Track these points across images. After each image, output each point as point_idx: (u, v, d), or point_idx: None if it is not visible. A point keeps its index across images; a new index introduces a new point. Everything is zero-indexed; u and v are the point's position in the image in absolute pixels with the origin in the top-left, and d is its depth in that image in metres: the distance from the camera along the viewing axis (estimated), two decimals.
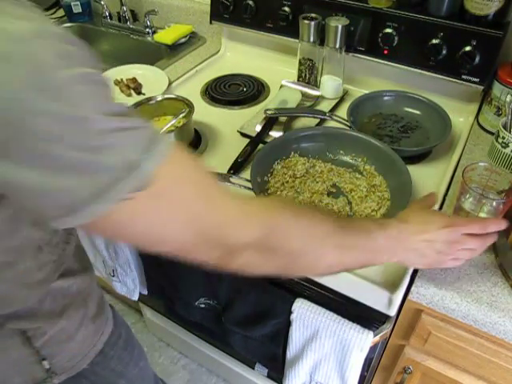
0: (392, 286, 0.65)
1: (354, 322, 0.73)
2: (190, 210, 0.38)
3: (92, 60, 0.35)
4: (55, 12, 1.53)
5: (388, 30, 0.96)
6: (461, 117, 0.99)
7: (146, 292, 1.11)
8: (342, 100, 1.07)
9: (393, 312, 0.67)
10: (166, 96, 0.97)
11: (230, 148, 0.91)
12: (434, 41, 0.92)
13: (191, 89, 1.12)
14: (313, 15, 1.00)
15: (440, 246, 0.55)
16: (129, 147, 0.34)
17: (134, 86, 1.12)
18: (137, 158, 0.34)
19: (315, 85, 1.09)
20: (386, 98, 1.00)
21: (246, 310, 0.89)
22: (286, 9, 1.05)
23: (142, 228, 0.37)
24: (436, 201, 0.66)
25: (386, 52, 0.99)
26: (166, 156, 0.36)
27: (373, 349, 0.75)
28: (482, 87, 0.92)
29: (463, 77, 0.93)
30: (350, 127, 0.92)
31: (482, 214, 0.65)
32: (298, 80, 1.10)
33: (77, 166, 0.32)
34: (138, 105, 0.93)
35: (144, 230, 0.37)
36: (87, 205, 0.33)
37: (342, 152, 0.87)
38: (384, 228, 0.53)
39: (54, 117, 0.31)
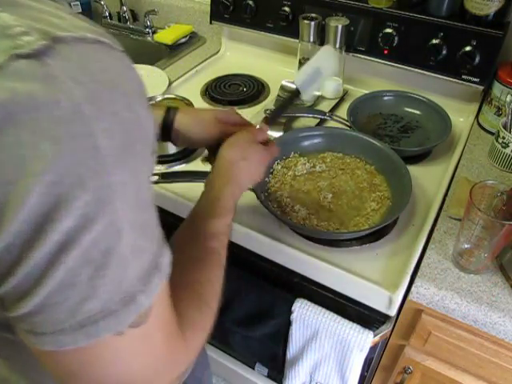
0: (392, 286, 0.65)
1: (353, 322, 0.73)
2: (156, 357, 0.35)
3: None
4: None
5: (388, 30, 0.96)
6: (461, 117, 0.99)
7: None
8: (342, 100, 1.07)
9: (393, 312, 0.67)
10: (166, 96, 0.97)
11: None
12: (434, 41, 0.92)
13: (191, 89, 1.12)
14: (313, 15, 1.00)
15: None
16: (129, 274, 0.30)
17: None
18: (133, 289, 0.30)
19: None
20: (385, 98, 1.00)
21: (246, 310, 0.89)
22: (286, 9, 1.05)
23: (120, 369, 0.33)
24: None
25: (386, 52, 0.99)
26: (158, 290, 0.32)
27: (373, 349, 0.75)
28: (482, 87, 0.92)
29: (463, 77, 0.93)
30: (349, 127, 0.92)
31: None
32: None
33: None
34: None
35: (116, 372, 0.33)
36: (68, 330, 0.28)
37: (342, 152, 0.87)
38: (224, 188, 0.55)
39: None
